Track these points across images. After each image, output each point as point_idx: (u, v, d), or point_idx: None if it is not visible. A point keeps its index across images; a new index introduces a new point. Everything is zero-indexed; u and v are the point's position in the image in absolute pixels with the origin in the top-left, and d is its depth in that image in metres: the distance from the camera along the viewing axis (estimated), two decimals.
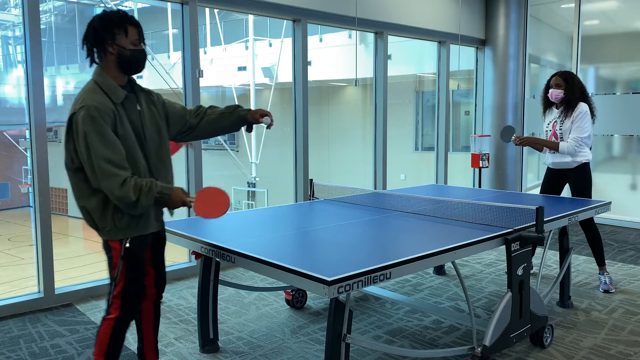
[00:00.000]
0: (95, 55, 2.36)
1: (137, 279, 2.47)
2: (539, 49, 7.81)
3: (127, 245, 2.39)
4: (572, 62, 7.11)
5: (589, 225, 4.25)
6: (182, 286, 4.46)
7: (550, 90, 4.25)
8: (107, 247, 2.43)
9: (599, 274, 4.31)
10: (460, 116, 9.66)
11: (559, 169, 4.34)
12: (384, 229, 3.02)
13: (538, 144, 4.36)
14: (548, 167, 4.45)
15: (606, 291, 4.21)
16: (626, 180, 7.05)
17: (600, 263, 4.31)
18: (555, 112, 4.30)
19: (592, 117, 4.21)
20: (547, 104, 4.35)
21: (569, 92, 4.17)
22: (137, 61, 2.39)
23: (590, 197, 4.24)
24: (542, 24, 7.78)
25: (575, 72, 7.02)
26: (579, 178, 4.25)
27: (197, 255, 2.90)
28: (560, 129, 4.22)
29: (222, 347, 3.28)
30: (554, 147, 4.23)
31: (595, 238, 4.28)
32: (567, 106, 4.19)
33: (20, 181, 16.32)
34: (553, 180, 4.41)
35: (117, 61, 2.34)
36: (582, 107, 4.15)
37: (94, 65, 2.40)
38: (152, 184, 2.30)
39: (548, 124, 4.34)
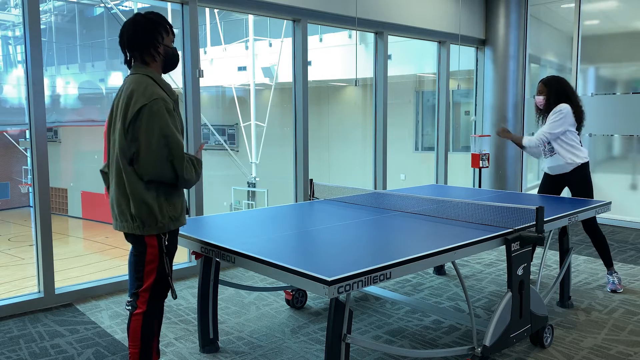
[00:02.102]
0: (140, 56, 2.47)
1: (167, 274, 2.55)
2: (539, 49, 7.81)
3: (167, 243, 2.49)
4: (572, 62, 7.11)
5: (592, 229, 4.22)
6: (182, 286, 4.46)
7: (535, 97, 4.29)
8: (142, 244, 2.47)
9: (607, 274, 4.29)
10: (460, 116, 9.66)
11: (556, 174, 4.30)
12: (384, 229, 3.02)
13: (508, 136, 4.36)
14: (545, 172, 4.41)
15: (614, 291, 4.21)
16: (626, 180, 7.05)
17: (608, 264, 4.29)
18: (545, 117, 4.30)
19: (577, 119, 4.14)
20: (538, 111, 4.34)
21: (549, 96, 4.17)
22: (177, 59, 2.58)
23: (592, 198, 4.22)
24: (542, 24, 7.78)
25: (575, 72, 7.04)
26: (577, 181, 4.21)
27: (197, 255, 2.90)
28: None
29: (222, 347, 3.28)
30: (519, 141, 4.24)
31: (600, 241, 4.25)
32: (549, 110, 4.18)
33: (20, 181, 16.33)
34: (550, 184, 4.37)
35: (163, 60, 2.51)
36: (561, 106, 4.11)
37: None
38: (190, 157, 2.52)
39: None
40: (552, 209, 3.53)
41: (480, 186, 7.09)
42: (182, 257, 4.98)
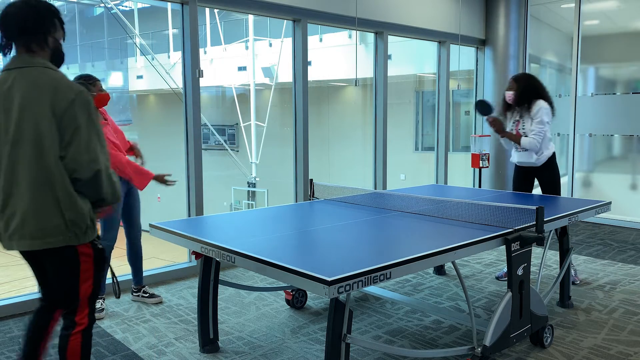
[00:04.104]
0: (27, 42, 2.15)
1: (101, 280, 2.36)
2: (539, 49, 7.81)
3: (100, 246, 2.27)
4: (572, 62, 7.11)
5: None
6: (182, 286, 4.46)
7: (505, 93, 4.45)
8: (73, 255, 2.20)
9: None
10: (461, 116, 9.66)
11: (525, 167, 4.46)
12: (384, 229, 3.02)
13: (504, 133, 4.39)
14: (517, 165, 4.54)
15: (572, 282, 4.31)
16: (626, 180, 7.05)
17: None
18: (516, 112, 4.43)
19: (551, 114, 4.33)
20: (507, 106, 4.48)
21: (519, 92, 4.32)
22: (63, 57, 2.29)
23: (559, 190, 4.39)
24: (542, 24, 7.78)
25: (575, 72, 7.05)
26: (547, 173, 4.37)
27: (197, 255, 2.90)
28: (522, 129, 4.34)
29: (222, 347, 3.28)
30: (516, 140, 4.32)
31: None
32: (521, 105, 4.33)
33: None
34: (523, 177, 4.51)
35: (51, 54, 2.22)
36: (540, 103, 4.27)
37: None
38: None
39: (513, 123, 4.44)
40: (552, 209, 3.53)
41: (480, 186, 7.09)
42: (182, 257, 4.98)
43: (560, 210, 3.46)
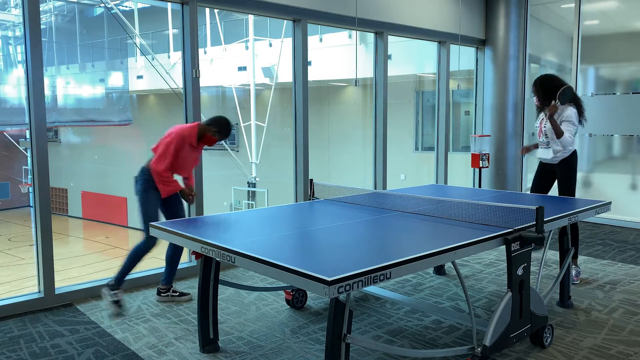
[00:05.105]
0: None
1: None
2: (539, 49, 7.81)
3: None
4: (572, 62, 7.11)
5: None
6: (182, 286, 4.46)
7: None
8: None
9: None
10: (460, 116, 9.66)
11: (545, 163, 4.65)
12: (384, 229, 3.02)
13: (553, 120, 4.46)
14: (541, 162, 4.70)
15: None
16: (626, 180, 7.05)
17: (573, 256, 4.47)
18: (542, 113, 4.66)
19: (580, 116, 4.49)
20: (537, 108, 4.75)
21: (537, 95, 4.53)
22: None
23: (574, 190, 4.50)
24: (542, 24, 7.78)
25: (575, 72, 7.05)
26: (563, 172, 4.52)
27: (197, 255, 2.90)
28: (545, 127, 4.54)
29: (222, 347, 3.28)
30: (559, 133, 4.41)
31: (574, 233, 4.45)
32: (545, 106, 4.52)
33: (21, 181, 16.33)
34: (541, 171, 4.68)
35: None
36: (568, 109, 4.43)
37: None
38: None
39: (538, 122, 4.69)
40: (552, 209, 3.53)
41: (480, 186, 7.09)
42: (182, 257, 4.97)
43: (560, 210, 3.46)
